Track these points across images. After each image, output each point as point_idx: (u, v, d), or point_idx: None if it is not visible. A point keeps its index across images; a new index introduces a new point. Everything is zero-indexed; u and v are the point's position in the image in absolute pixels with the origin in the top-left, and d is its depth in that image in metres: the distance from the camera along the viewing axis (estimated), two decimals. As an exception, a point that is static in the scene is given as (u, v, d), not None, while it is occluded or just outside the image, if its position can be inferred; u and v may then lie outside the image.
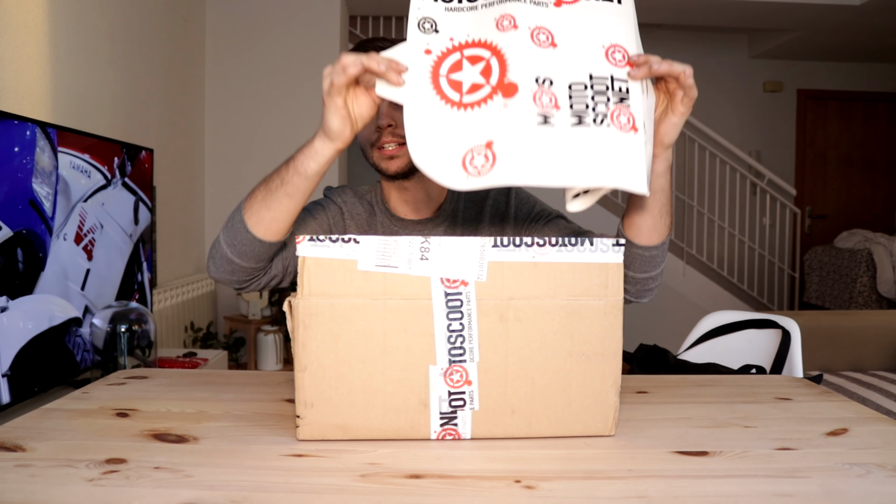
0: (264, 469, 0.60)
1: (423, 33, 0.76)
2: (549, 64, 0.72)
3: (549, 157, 0.68)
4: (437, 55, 0.75)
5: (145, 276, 2.06)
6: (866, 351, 2.58)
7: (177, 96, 3.04)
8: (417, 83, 0.74)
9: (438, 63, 0.74)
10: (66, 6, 2.01)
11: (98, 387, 0.87)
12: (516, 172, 0.67)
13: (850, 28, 4.22)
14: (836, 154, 5.25)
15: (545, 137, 0.69)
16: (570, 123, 0.69)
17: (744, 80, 5.14)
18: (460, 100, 0.72)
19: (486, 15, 0.76)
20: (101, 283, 1.77)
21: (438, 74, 0.74)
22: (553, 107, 0.70)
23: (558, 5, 0.75)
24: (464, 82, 0.73)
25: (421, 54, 0.75)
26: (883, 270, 4.08)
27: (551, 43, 0.73)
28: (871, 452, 0.65)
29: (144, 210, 2.04)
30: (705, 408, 0.81)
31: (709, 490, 0.56)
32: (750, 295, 4.67)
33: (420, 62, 0.74)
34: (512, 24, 0.73)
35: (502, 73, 0.72)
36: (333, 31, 3.56)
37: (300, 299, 0.65)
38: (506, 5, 0.75)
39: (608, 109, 0.70)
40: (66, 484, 0.55)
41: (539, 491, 0.56)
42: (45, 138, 1.50)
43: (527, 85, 0.70)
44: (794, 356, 1.25)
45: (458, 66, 0.74)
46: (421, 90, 0.73)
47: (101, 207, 1.77)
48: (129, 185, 1.95)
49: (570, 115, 0.70)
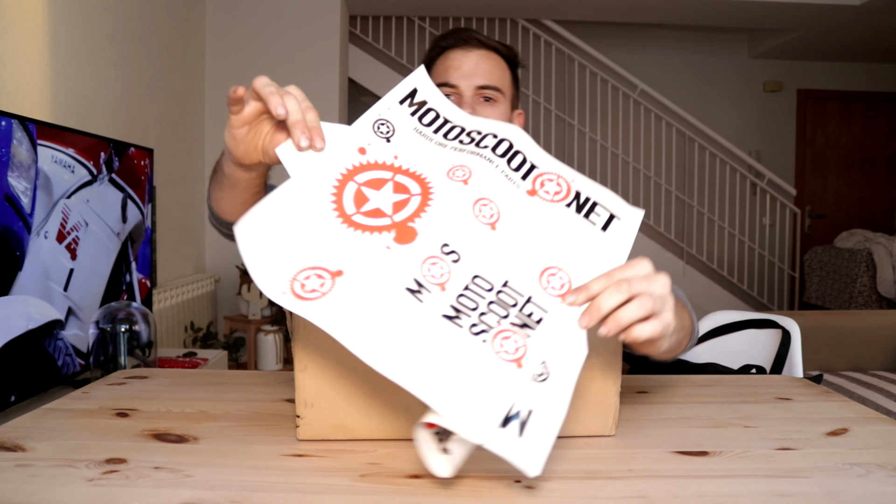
0: (264, 469, 0.60)
1: (373, 132, 0.66)
2: (470, 241, 0.59)
3: (392, 330, 0.53)
4: (367, 160, 0.64)
5: (135, 276, 1.97)
6: (866, 351, 2.58)
7: (177, 96, 3.04)
8: (324, 169, 0.62)
9: (362, 168, 0.63)
10: (67, 6, 2.01)
11: (98, 387, 0.87)
12: (340, 321, 0.52)
13: (850, 28, 4.22)
14: (836, 154, 5.26)
15: (402, 307, 0.54)
16: (440, 312, 0.55)
17: (744, 80, 5.14)
18: (349, 215, 0.60)
19: (447, 156, 0.66)
20: (86, 284, 1.67)
21: (352, 178, 0.62)
22: (437, 283, 0.56)
23: (531, 194, 0.63)
24: (370, 201, 0.61)
25: (353, 148, 0.64)
26: (883, 270, 4.08)
27: (491, 224, 0.60)
28: (872, 452, 0.65)
29: (133, 208, 1.95)
30: (705, 408, 0.81)
31: (709, 490, 0.56)
32: (750, 295, 4.67)
33: (346, 153, 0.63)
34: (463, 178, 0.63)
35: (412, 216, 0.60)
36: (333, 31, 3.56)
37: None
38: (473, 159, 0.64)
39: (497, 326, 0.55)
40: (65, 484, 0.55)
41: (539, 491, 0.56)
42: (22, 130, 1.42)
43: (427, 244, 0.58)
44: (794, 356, 1.25)
45: (377, 185, 0.62)
46: (321, 177, 0.61)
47: (86, 204, 1.67)
48: (117, 181, 1.84)
49: (447, 303, 0.55)
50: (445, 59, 1.01)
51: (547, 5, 4.17)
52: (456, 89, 0.98)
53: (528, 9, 4.30)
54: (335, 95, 3.56)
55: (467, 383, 0.51)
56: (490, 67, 0.99)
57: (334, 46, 3.56)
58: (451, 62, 1.00)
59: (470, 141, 0.67)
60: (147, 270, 2.07)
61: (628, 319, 0.53)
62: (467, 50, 1.00)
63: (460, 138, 0.67)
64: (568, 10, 4.26)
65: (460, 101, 0.98)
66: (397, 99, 0.69)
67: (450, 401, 0.50)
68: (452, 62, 0.99)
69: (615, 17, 4.39)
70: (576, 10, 4.23)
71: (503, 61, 1.01)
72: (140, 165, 2.00)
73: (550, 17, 4.44)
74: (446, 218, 0.60)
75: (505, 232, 0.61)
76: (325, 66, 3.54)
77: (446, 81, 0.98)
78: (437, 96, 0.71)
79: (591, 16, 4.35)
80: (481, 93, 0.98)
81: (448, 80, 0.98)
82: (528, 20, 4.49)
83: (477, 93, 0.98)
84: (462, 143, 0.67)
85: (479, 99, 0.98)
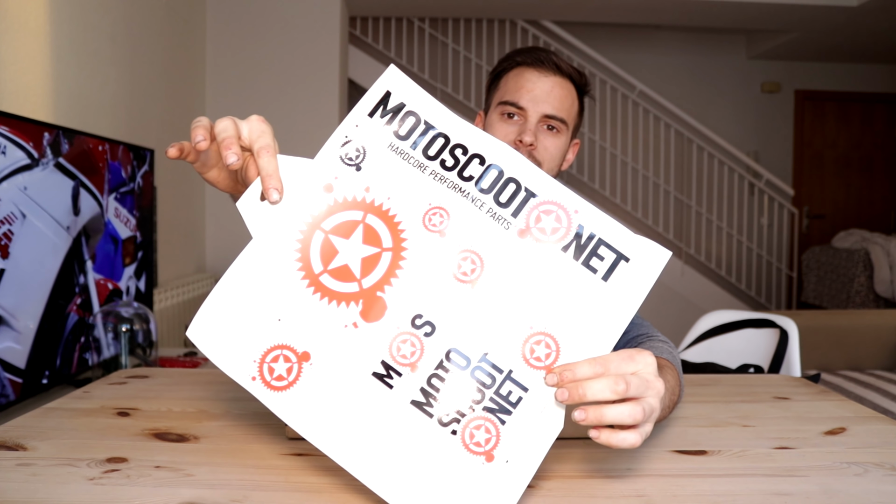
0: (265, 468, 0.60)
1: (340, 161, 0.56)
2: (446, 307, 0.53)
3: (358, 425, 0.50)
4: (335, 199, 0.56)
5: (91, 277, 1.70)
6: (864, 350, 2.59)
7: (177, 97, 3.04)
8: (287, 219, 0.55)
9: (329, 211, 0.55)
10: (68, 7, 2.01)
11: (99, 386, 0.87)
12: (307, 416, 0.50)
13: (847, 29, 4.23)
14: (833, 154, 5.26)
15: (369, 396, 0.51)
16: (409, 397, 0.51)
17: (742, 81, 5.15)
18: (317, 275, 0.54)
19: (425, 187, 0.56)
20: (22, 287, 1.41)
21: (318, 225, 0.55)
22: (407, 364, 0.52)
23: (522, 234, 0.54)
24: (338, 255, 0.54)
25: (319, 187, 0.56)
26: (880, 270, 4.09)
27: (472, 281, 0.53)
28: (869, 451, 0.65)
29: (89, 198, 1.67)
30: (704, 407, 0.81)
31: (707, 489, 0.56)
32: (748, 294, 4.67)
33: (311, 194, 0.55)
34: (441, 229, 0.54)
35: (381, 282, 0.53)
36: (333, 31, 3.57)
37: None
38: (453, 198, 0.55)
39: (470, 413, 0.51)
40: (67, 483, 0.56)
41: (538, 490, 0.56)
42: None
43: (397, 318, 0.53)
44: (792, 356, 1.25)
45: (346, 232, 0.55)
46: (284, 230, 0.55)
47: (23, 193, 1.41)
48: (66, 166, 1.57)
49: (417, 386, 0.51)
50: (518, 77, 0.96)
51: (546, 6, 4.17)
52: (523, 112, 0.95)
53: (528, 10, 4.30)
54: (335, 96, 3.56)
55: (433, 484, 0.49)
56: (561, 97, 0.95)
57: (334, 47, 3.56)
58: (525, 83, 0.95)
59: (454, 164, 0.56)
60: (108, 270, 1.81)
61: (612, 420, 0.48)
62: (542, 73, 0.95)
63: (442, 157, 0.57)
64: (567, 12, 4.26)
65: (523, 125, 0.95)
66: (366, 111, 0.58)
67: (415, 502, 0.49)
68: (526, 83, 0.95)
69: (614, 19, 4.39)
70: (575, 12, 4.24)
71: (574, 90, 0.98)
72: (97, 151, 1.73)
73: (549, 19, 4.44)
74: (420, 282, 0.53)
75: (487, 290, 0.53)
76: (325, 66, 3.54)
77: (515, 102, 0.95)
78: (418, 95, 0.59)
79: (590, 17, 4.36)
80: (546, 121, 0.95)
81: (517, 100, 0.95)
82: (528, 21, 4.49)
83: (542, 120, 0.95)
84: (444, 168, 0.56)
85: (542, 127, 0.95)
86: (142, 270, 2.05)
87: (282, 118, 3.50)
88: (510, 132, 0.95)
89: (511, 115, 0.96)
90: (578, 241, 0.54)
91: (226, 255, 3.43)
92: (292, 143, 3.64)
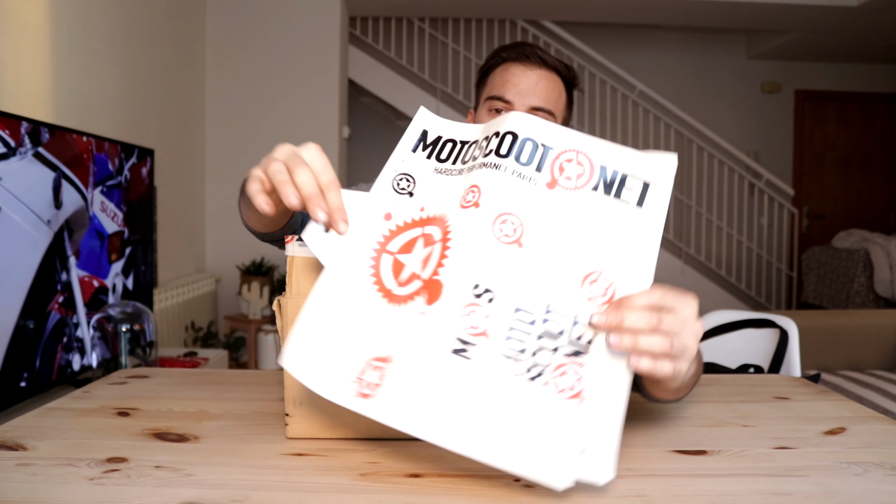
0: (265, 468, 0.60)
1: (395, 192, 0.61)
2: (499, 271, 0.54)
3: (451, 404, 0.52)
4: (396, 224, 0.60)
5: (74, 274, 1.61)
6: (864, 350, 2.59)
7: (177, 97, 3.04)
8: (357, 247, 0.58)
9: (392, 235, 0.59)
10: (68, 8, 2.01)
11: (99, 386, 0.87)
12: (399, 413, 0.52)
13: (847, 29, 4.23)
14: (833, 154, 5.27)
15: (453, 374, 0.53)
16: (492, 365, 0.53)
17: (742, 81, 5.15)
18: (390, 290, 0.57)
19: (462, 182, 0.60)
20: None
21: (385, 249, 0.59)
22: (479, 334, 0.53)
23: (551, 186, 0.56)
24: (406, 268, 0.58)
25: (380, 216, 0.60)
26: (880, 270, 4.09)
27: (516, 240, 0.55)
28: (869, 451, 0.65)
29: (72, 191, 1.58)
30: (703, 407, 0.81)
31: (707, 489, 0.56)
32: (748, 294, 4.68)
33: (373, 223, 0.59)
34: (474, 201, 0.56)
35: (436, 268, 0.56)
36: (333, 31, 3.57)
37: (289, 298, 0.65)
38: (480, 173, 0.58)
39: (552, 362, 0.53)
40: (67, 483, 0.56)
41: (538, 490, 0.56)
42: None
43: (457, 293, 0.54)
44: (792, 355, 1.25)
45: (409, 247, 0.59)
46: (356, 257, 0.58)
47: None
48: (46, 157, 1.48)
49: (497, 352, 0.53)
50: (504, 73, 0.99)
51: (546, 6, 4.17)
52: (509, 105, 0.97)
53: (528, 10, 4.30)
54: (335, 96, 3.56)
55: (540, 438, 0.51)
56: (547, 89, 0.97)
57: (334, 47, 3.56)
58: (511, 77, 0.98)
59: (480, 152, 0.61)
60: (93, 267, 1.73)
61: (644, 347, 0.52)
62: (528, 67, 0.98)
63: (473, 153, 0.61)
64: (567, 12, 4.26)
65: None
66: (409, 148, 0.64)
67: (527, 462, 0.50)
68: (511, 77, 0.98)
69: (614, 19, 4.39)
70: (575, 12, 4.24)
71: (561, 83, 1.00)
72: (82, 142, 1.66)
73: (549, 19, 4.44)
74: (468, 255, 0.55)
75: (533, 246, 0.55)
76: (325, 66, 3.54)
77: (501, 96, 0.97)
78: (448, 126, 0.65)
79: (590, 17, 4.36)
80: (534, 113, 0.96)
81: (504, 94, 0.97)
82: (528, 21, 4.49)
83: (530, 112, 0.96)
84: (474, 158, 0.60)
85: None
86: (130, 267, 1.95)
87: (282, 118, 3.50)
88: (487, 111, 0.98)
89: (499, 109, 0.98)
90: (604, 180, 0.57)
91: (226, 255, 3.43)
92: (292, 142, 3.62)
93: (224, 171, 3.44)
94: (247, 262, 3.29)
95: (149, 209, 2.09)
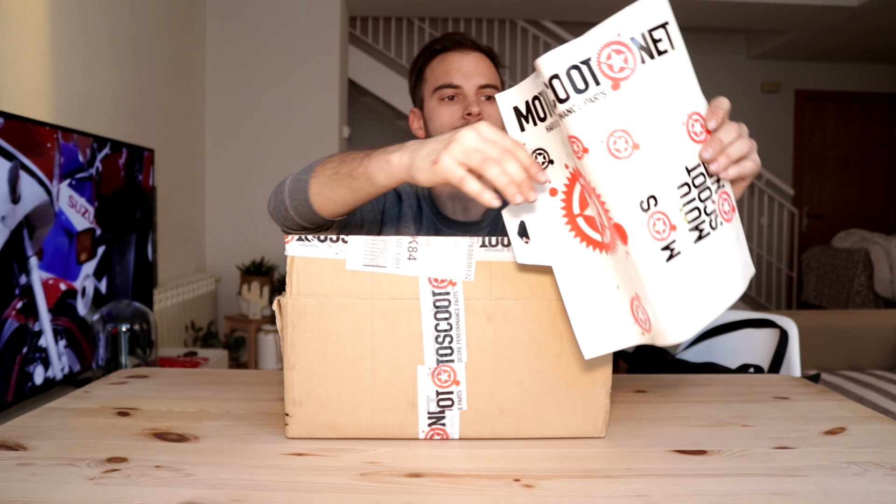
0: (265, 468, 0.60)
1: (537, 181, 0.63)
2: (641, 176, 0.57)
3: (690, 297, 0.59)
4: (562, 192, 0.65)
5: (36, 276, 1.44)
6: (864, 350, 2.59)
7: (177, 97, 3.04)
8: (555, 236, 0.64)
9: (568, 201, 0.65)
10: (68, 7, 2.01)
11: (99, 386, 0.87)
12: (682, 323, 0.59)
13: (847, 29, 4.23)
14: (833, 154, 5.27)
15: (676, 275, 0.58)
16: (692, 240, 0.58)
17: (741, 81, 5.15)
18: (601, 241, 0.63)
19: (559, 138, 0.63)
20: None
21: (573, 214, 0.65)
22: (670, 228, 0.58)
23: (616, 87, 0.57)
24: (595, 219, 0.63)
25: (547, 197, 0.65)
26: (880, 270, 4.09)
27: (633, 145, 0.57)
28: (869, 451, 0.65)
29: (32, 183, 1.40)
30: (703, 407, 0.81)
31: (707, 489, 0.56)
32: (748, 294, 4.68)
33: (548, 209, 0.65)
34: (581, 147, 0.58)
35: (606, 213, 0.60)
36: (333, 31, 3.56)
37: (289, 298, 0.65)
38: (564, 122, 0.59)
39: (716, 204, 0.60)
40: (67, 482, 0.56)
41: (538, 490, 0.56)
42: None
43: (634, 219, 0.58)
44: (792, 355, 1.25)
45: (585, 201, 0.64)
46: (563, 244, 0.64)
47: None
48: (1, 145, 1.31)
49: (688, 231, 0.58)
50: (444, 62, 1.04)
51: (546, 6, 4.17)
52: (459, 89, 1.02)
53: (528, 10, 4.30)
54: (335, 96, 3.56)
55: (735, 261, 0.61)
56: (486, 68, 1.04)
57: (334, 47, 3.56)
58: (452, 64, 1.03)
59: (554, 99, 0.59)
60: (59, 268, 1.55)
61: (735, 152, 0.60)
62: (464, 52, 1.04)
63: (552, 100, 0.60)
64: (567, 12, 4.26)
65: (464, 101, 1.02)
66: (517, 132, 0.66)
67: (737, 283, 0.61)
68: (454, 64, 1.03)
69: (614, 18, 4.39)
70: (575, 12, 4.24)
71: (492, 63, 1.07)
72: (44, 129, 1.47)
73: (549, 19, 4.44)
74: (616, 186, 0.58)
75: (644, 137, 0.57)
76: (325, 66, 3.54)
77: (449, 83, 1.02)
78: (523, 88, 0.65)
79: (590, 17, 4.36)
80: (483, 91, 1.02)
81: (451, 81, 1.02)
82: (528, 21, 4.49)
83: (479, 92, 1.02)
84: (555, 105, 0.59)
85: (480, 98, 1.02)
86: (104, 269, 1.74)
87: (282, 118, 3.50)
88: (455, 111, 1.02)
89: (451, 97, 1.02)
90: (644, 48, 0.57)
91: (226, 255, 3.43)
92: (293, 139, 3.64)
93: (224, 171, 3.44)
94: (247, 262, 3.29)
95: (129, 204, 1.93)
